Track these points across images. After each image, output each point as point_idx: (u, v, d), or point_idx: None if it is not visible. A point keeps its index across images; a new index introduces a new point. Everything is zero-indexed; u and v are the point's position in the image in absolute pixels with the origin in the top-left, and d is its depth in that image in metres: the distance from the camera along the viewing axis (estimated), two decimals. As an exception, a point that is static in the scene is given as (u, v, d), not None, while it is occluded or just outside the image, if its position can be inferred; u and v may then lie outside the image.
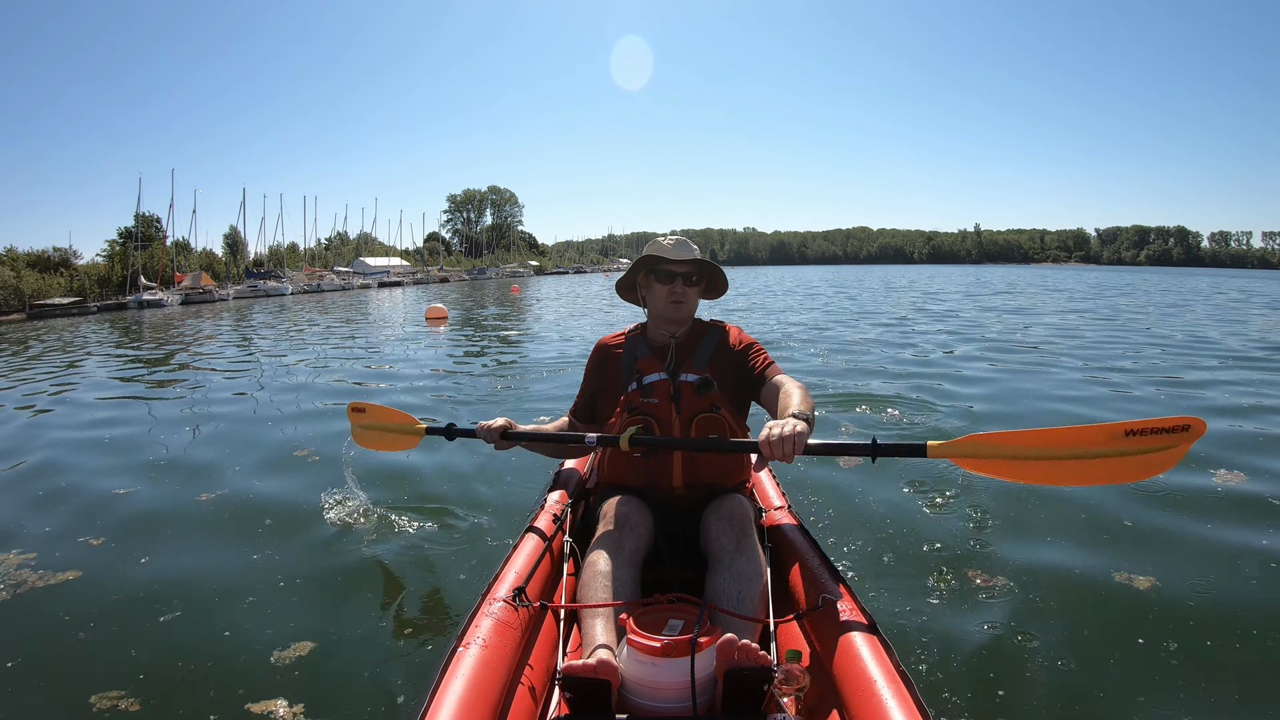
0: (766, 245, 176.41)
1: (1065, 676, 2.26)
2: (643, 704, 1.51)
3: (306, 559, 3.28)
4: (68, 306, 35.93)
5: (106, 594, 3.01)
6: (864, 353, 10.22)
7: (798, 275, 66.27)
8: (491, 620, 1.65)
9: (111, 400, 8.27)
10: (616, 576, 1.81)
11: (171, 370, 11.37)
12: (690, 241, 2.26)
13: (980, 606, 2.69)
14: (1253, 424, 5.49)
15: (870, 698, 1.39)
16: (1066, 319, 16.15)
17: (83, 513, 4.06)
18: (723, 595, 1.78)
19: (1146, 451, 1.65)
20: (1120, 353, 10.04)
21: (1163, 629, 2.52)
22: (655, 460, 2.09)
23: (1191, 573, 2.92)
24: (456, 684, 1.42)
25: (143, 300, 36.45)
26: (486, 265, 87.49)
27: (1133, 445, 1.66)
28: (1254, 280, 53.51)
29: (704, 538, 1.97)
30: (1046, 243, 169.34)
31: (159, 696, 2.29)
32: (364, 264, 65.91)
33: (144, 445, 5.68)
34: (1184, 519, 3.50)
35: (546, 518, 2.24)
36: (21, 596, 3.03)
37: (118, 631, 2.70)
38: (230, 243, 60.11)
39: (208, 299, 41.13)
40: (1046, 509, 3.61)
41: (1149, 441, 1.65)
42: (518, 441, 2.31)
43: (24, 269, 37.16)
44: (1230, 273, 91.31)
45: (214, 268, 52.20)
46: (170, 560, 3.35)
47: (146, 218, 48.31)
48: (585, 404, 2.41)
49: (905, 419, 5.86)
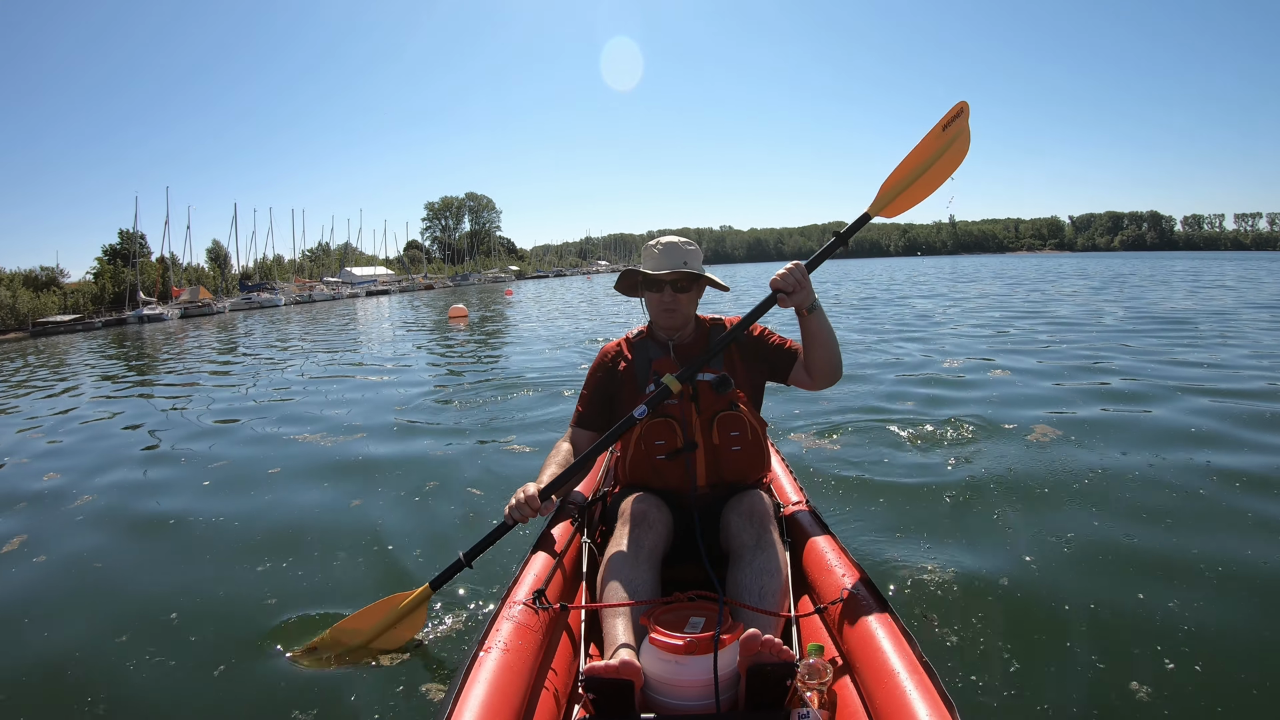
0: (743, 243, 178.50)
1: (1089, 668, 2.24)
2: (666, 702, 1.52)
3: (326, 565, 3.31)
4: (71, 323, 37.47)
5: (125, 598, 3.12)
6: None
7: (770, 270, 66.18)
8: (512, 624, 1.65)
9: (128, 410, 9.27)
10: (636, 576, 1.81)
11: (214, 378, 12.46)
12: (685, 243, 2.21)
13: (1003, 597, 2.69)
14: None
15: (893, 689, 1.38)
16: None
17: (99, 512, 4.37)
18: (744, 591, 1.78)
19: (956, 136, 2.12)
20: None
21: (1188, 624, 2.45)
22: (679, 463, 2.08)
23: (1235, 574, 2.79)
24: (479, 689, 1.42)
25: (143, 315, 38.16)
26: (469, 272, 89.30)
27: (950, 133, 2.11)
28: (1221, 262, 54.05)
29: (724, 534, 1.98)
30: (1021, 231, 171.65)
31: (192, 704, 2.34)
32: (350, 274, 67.72)
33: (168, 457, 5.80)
34: (1231, 520, 3.33)
35: (564, 519, 2.24)
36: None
37: (144, 644, 2.70)
38: (214, 256, 61.40)
39: (206, 311, 42.81)
40: (1073, 503, 3.57)
41: (954, 128, 2.11)
42: (556, 491, 2.17)
43: (19, 288, 38.52)
44: (1204, 255, 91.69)
45: (203, 281, 53.60)
46: (196, 567, 3.43)
47: (131, 234, 49.67)
48: (593, 412, 2.31)
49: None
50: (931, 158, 2.11)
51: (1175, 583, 2.75)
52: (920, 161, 2.12)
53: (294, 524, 3.90)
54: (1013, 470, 4.05)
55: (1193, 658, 2.26)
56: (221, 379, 11.46)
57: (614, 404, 2.28)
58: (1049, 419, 5.26)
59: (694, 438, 2.09)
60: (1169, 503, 3.56)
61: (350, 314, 31.75)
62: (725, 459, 2.11)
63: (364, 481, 4.58)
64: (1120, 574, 2.85)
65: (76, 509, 4.49)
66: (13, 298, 36.81)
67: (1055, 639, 2.40)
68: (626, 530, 1.93)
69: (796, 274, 1.97)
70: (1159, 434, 4.81)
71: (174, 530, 3.98)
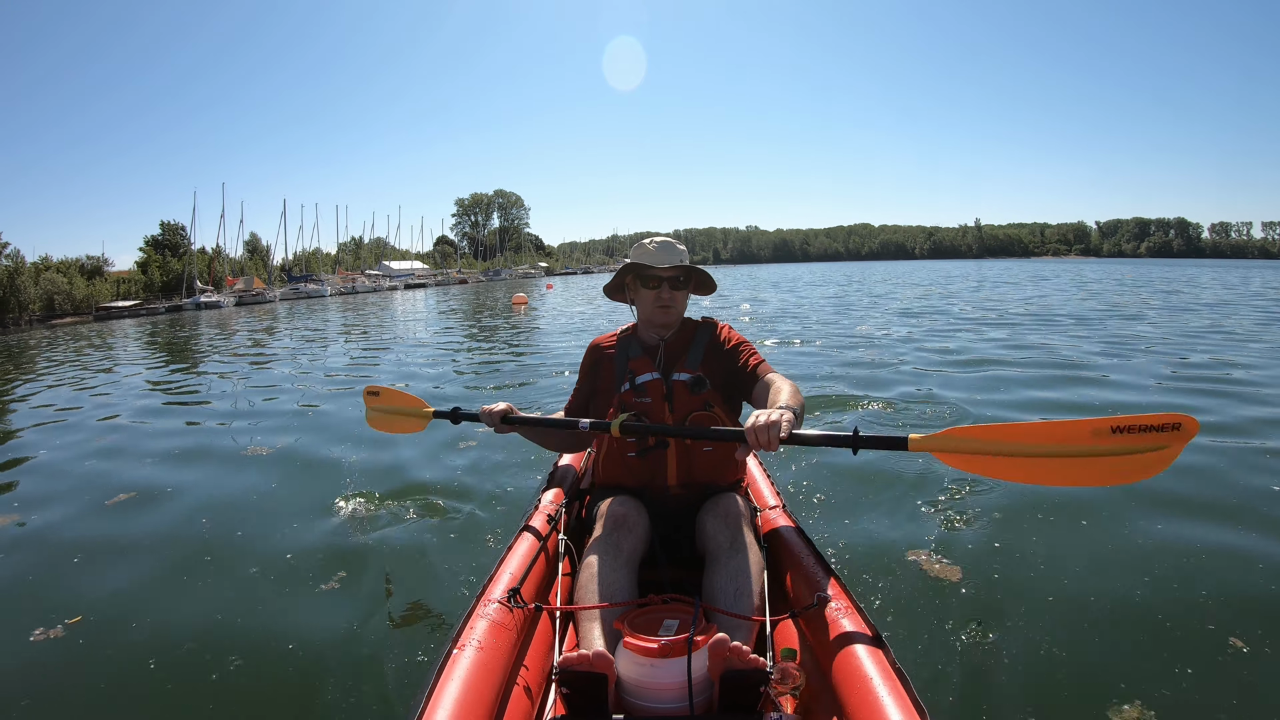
0: (769, 243, 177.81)
1: (1060, 675, 2.25)
2: (640, 704, 1.52)
3: (298, 559, 3.29)
4: (134, 308, 39.83)
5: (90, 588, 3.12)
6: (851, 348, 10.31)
7: (795, 272, 66.60)
8: (487, 621, 1.65)
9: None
10: (613, 578, 1.82)
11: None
12: (676, 243, 2.24)
13: (975, 604, 2.70)
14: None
15: (866, 695, 1.39)
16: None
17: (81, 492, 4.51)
18: (719, 594, 1.79)
19: (1134, 451, 1.53)
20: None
21: (1158, 624, 2.51)
22: (650, 459, 2.10)
23: (1195, 573, 2.87)
24: (453, 686, 1.42)
25: (200, 302, 40.22)
26: (500, 268, 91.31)
27: (1120, 444, 1.54)
28: (1252, 269, 53.72)
29: (699, 536, 1.98)
30: (1047, 236, 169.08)
31: (147, 700, 2.31)
32: (388, 267, 69.98)
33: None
34: (1183, 521, 3.37)
35: (541, 517, 2.25)
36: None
37: (91, 631, 2.73)
38: (251, 249, 63.60)
39: (260, 300, 44.87)
40: (1043, 509, 3.55)
41: (1137, 440, 1.53)
42: (516, 426, 2.28)
43: (75, 276, 40.74)
44: (1231, 263, 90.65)
45: (249, 272, 55.81)
46: (139, 564, 3.35)
47: (173, 226, 52.10)
48: (580, 404, 2.37)
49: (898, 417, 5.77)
50: (1072, 448, 1.59)
51: (1156, 587, 2.77)
52: (1049, 442, 1.62)
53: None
54: (993, 481, 3.83)
55: (1181, 666, 2.26)
56: (376, 354, 12.98)
57: (594, 399, 2.34)
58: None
59: (665, 437, 2.09)
60: (1153, 505, 3.55)
61: (408, 304, 33.18)
62: (697, 459, 2.12)
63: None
64: (1100, 581, 2.84)
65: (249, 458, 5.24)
66: (69, 284, 38.98)
67: (1029, 648, 2.40)
68: (604, 533, 1.95)
69: (773, 435, 1.69)
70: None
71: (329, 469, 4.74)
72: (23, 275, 36.38)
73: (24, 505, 4.39)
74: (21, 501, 4.51)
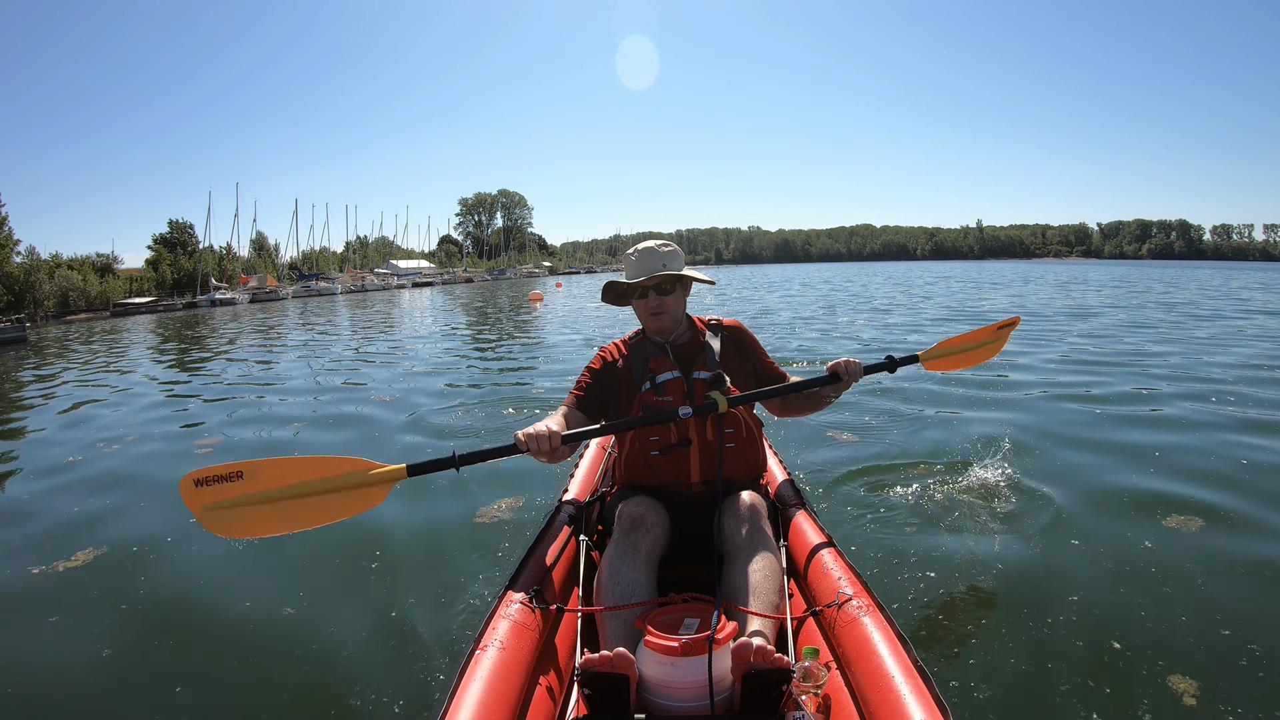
0: (771, 243, 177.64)
1: (1086, 676, 2.23)
2: (661, 703, 1.53)
3: (319, 560, 3.30)
4: (151, 304, 40.56)
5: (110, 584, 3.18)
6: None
7: (798, 273, 65.45)
8: (509, 622, 1.67)
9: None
10: (633, 578, 1.82)
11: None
12: (660, 246, 2.23)
13: (997, 602, 2.70)
14: None
15: (888, 693, 1.39)
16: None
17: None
18: (739, 592, 1.80)
19: (997, 340, 2.57)
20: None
21: (1185, 632, 2.47)
22: (674, 457, 2.13)
23: (1239, 585, 2.81)
24: (475, 686, 1.44)
25: (215, 299, 40.92)
26: (505, 267, 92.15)
27: (1000, 335, 2.57)
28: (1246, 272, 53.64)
29: (720, 535, 1.99)
30: (1048, 237, 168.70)
31: (171, 697, 2.35)
32: (395, 266, 70.79)
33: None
34: (1232, 535, 3.32)
35: (562, 518, 2.26)
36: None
37: (118, 622, 2.82)
38: (258, 247, 63.94)
39: (273, 297, 45.58)
40: (1067, 506, 3.56)
41: (1003, 333, 2.57)
42: (575, 443, 1.97)
43: (89, 273, 41.27)
44: (1232, 265, 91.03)
45: (259, 270, 56.47)
46: (176, 562, 3.42)
47: (181, 224, 52.65)
48: (592, 395, 2.27)
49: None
50: (977, 344, 2.56)
51: (1183, 591, 2.74)
52: (971, 341, 2.55)
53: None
54: (1014, 478, 3.99)
55: (1196, 668, 2.26)
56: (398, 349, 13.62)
57: (608, 401, 2.27)
58: (1054, 426, 5.36)
59: (688, 434, 2.12)
60: (1178, 507, 3.53)
61: (418, 301, 33.58)
62: (720, 456, 2.12)
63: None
64: (1123, 580, 2.85)
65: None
66: (83, 281, 39.60)
67: (1052, 645, 2.40)
68: (624, 533, 1.95)
69: (856, 372, 2.14)
70: (1168, 432, 4.99)
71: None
72: (39, 272, 36.97)
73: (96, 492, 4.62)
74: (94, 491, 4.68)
